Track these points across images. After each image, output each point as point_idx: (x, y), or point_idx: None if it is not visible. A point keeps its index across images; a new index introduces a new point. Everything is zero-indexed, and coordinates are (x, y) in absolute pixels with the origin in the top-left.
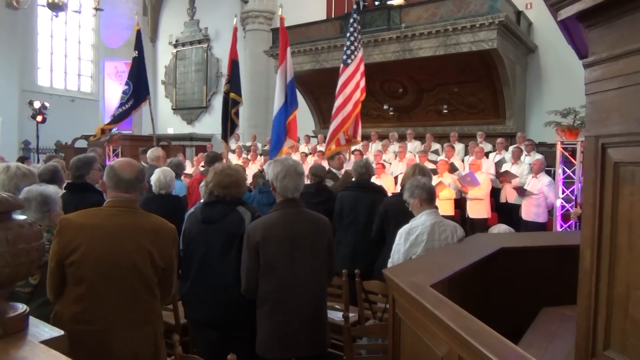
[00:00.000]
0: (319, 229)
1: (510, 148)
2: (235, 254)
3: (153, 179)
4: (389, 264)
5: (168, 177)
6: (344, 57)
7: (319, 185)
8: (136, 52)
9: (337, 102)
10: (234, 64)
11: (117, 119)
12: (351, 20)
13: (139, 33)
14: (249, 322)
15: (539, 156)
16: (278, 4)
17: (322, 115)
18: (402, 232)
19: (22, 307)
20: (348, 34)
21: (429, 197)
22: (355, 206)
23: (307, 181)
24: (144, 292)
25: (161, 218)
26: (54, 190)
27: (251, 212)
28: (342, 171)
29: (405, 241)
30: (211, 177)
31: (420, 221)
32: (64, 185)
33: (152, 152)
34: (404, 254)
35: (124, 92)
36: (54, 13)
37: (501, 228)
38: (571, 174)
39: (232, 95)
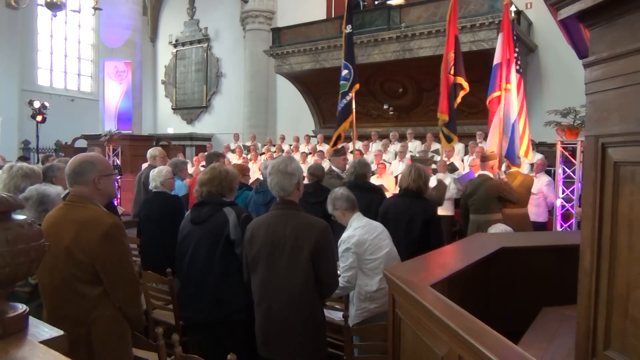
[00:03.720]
0: (304, 234)
1: None
2: (220, 254)
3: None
4: (342, 285)
5: (155, 171)
6: (518, 67)
7: (316, 185)
8: (349, 26)
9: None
10: (458, 41)
11: (344, 115)
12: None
13: (349, 3)
14: (241, 323)
15: (539, 156)
16: (278, 3)
17: (322, 115)
18: (344, 245)
19: (22, 307)
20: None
21: (349, 205)
22: None
23: (306, 181)
24: (67, 291)
25: (103, 211)
26: (55, 191)
27: (237, 212)
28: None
29: (360, 252)
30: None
31: (360, 227)
32: None
33: (150, 152)
34: (357, 266)
35: (344, 79)
36: (53, 13)
37: (500, 228)
38: (571, 173)
39: (458, 79)
